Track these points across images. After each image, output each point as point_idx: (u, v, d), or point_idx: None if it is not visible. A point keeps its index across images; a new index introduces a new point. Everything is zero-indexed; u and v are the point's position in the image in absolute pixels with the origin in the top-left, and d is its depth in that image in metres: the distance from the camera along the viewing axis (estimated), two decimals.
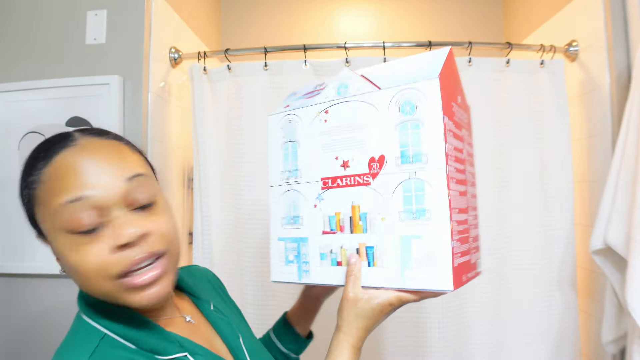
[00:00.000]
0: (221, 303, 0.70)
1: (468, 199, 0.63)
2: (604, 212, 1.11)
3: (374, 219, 0.60)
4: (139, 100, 1.24)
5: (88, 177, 0.45)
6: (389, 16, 2.04)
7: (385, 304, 0.57)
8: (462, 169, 0.61)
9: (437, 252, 0.55)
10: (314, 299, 0.78)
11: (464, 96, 0.69)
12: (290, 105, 0.70)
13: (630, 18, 1.21)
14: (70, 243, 0.45)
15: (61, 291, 1.22)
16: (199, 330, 0.58)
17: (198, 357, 0.51)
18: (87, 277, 0.45)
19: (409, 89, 0.58)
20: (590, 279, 1.33)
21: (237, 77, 1.33)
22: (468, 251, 0.61)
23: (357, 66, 1.29)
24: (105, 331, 0.48)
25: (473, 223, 0.65)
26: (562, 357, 1.28)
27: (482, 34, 2.00)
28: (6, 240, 1.24)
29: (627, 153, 1.07)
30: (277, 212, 0.70)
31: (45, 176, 0.46)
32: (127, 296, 0.46)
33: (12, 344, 1.23)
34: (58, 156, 0.47)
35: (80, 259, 0.45)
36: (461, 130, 0.63)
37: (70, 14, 1.27)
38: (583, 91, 1.36)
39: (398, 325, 1.29)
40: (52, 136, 0.51)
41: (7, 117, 1.25)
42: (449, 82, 0.60)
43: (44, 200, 0.46)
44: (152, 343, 0.48)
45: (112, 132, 0.54)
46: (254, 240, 1.30)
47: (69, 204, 0.44)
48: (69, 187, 0.45)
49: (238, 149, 1.31)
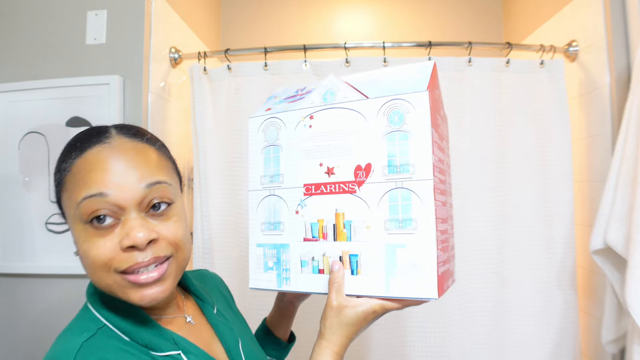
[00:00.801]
0: (226, 308, 0.71)
1: (447, 209, 0.64)
2: (604, 212, 1.11)
3: (358, 227, 0.59)
4: (139, 100, 1.24)
5: (111, 176, 0.48)
6: (389, 16, 2.04)
7: (369, 312, 0.57)
8: (444, 180, 0.63)
9: (423, 261, 0.55)
10: (289, 303, 0.79)
11: (443, 108, 0.70)
12: (272, 109, 0.69)
13: (630, 18, 1.21)
14: (86, 233, 0.48)
15: (61, 291, 1.22)
16: (198, 331, 0.60)
17: (191, 356, 0.52)
18: (94, 267, 0.48)
19: (398, 99, 0.58)
20: (590, 279, 1.33)
21: (237, 77, 1.33)
22: (448, 260, 0.62)
23: (357, 66, 1.29)
24: (105, 322, 0.51)
25: (451, 232, 0.67)
26: (562, 357, 1.28)
27: (482, 34, 2.00)
28: (6, 240, 1.24)
29: (627, 153, 1.07)
30: (256, 217, 0.68)
31: (75, 167, 0.50)
32: (128, 292, 0.49)
33: (12, 344, 1.23)
34: (90, 150, 0.50)
35: (91, 249, 0.48)
36: (443, 142, 0.64)
37: (70, 14, 1.27)
38: (583, 91, 1.36)
39: (399, 325, 1.29)
40: (91, 127, 0.54)
41: (7, 117, 1.25)
42: (434, 95, 0.61)
43: (70, 188, 0.49)
44: (148, 338, 0.50)
45: (148, 134, 0.56)
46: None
47: (90, 198, 0.47)
48: (93, 183, 0.48)
49: (238, 148, 1.31)
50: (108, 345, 0.48)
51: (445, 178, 0.63)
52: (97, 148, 0.50)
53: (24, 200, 1.23)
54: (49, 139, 1.23)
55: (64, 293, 1.22)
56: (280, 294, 0.79)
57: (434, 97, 0.61)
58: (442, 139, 0.64)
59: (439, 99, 0.67)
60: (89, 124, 1.21)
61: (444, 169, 0.63)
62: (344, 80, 0.65)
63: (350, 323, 0.57)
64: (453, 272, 0.67)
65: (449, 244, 0.63)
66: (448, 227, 0.64)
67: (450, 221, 0.67)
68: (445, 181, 0.63)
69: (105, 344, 0.48)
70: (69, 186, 0.50)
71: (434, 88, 0.61)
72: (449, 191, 0.67)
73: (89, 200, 0.47)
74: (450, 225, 0.66)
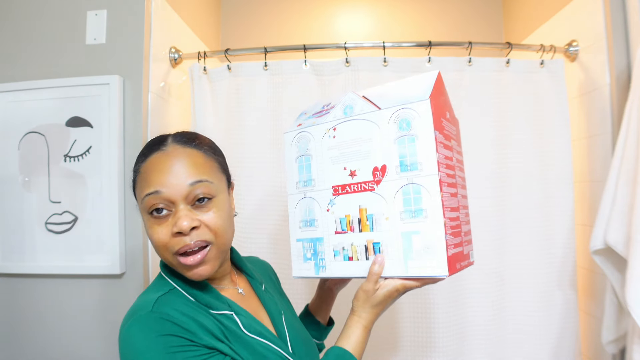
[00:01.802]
0: (273, 288, 0.85)
1: (459, 199, 0.73)
2: (604, 212, 1.11)
3: (379, 219, 0.70)
4: (139, 100, 1.24)
5: (165, 177, 0.62)
6: (389, 16, 2.04)
7: (393, 291, 0.68)
8: (452, 174, 0.72)
9: (434, 244, 0.65)
10: (328, 290, 0.91)
11: (452, 111, 0.80)
12: (302, 124, 0.81)
13: (630, 18, 1.21)
14: (150, 222, 0.63)
15: (61, 291, 1.22)
16: (248, 300, 0.73)
17: (241, 317, 0.66)
18: (157, 248, 0.63)
19: (405, 108, 0.68)
20: (590, 279, 1.33)
21: (237, 77, 1.33)
22: (460, 243, 0.71)
23: (357, 66, 1.29)
24: (175, 285, 0.65)
25: (464, 220, 0.76)
26: (562, 357, 1.28)
27: (482, 34, 2.00)
28: (6, 240, 1.24)
29: (627, 153, 1.07)
30: (295, 217, 0.81)
31: (142, 169, 0.65)
32: (182, 270, 0.63)
33: (12, 343, 1.23)
34: (151, 157, 0.65)
35: (153, 234, 0.63)
36: (450, 141, 0.74)
37: (70, 14, 1.27)
38: (583, 91, 1.36)
39: (399, 325, 1.29)
40: (156, 137, 0.69)
41: (7, 117, 1.25)
42: (439, 101, 0.71)
43: (139, 186, 0.65)
44: (207, 300, 0.64)
45: (197, 140, 0.69)
46: (255, 238, 1.30)
47: (150, 195, 0.62)
48: (152, 182, 0.62)
49: (238, 148, 1.31)
50: (177, 301, 0.62)
51: (454, 172, 0.73)
52: (156, 154, 0.64)
53: (23, 200, 1.23)
54: (49, 139, 1.23)
55: (64, 293, 1.22)
56: (321, 281, 0.92)
57: (438, 103, 0.70)
58: (448, 138, 0.72)
59: (445, 104, 0.75)
60: (89, 124, 1.21)
61: (453, 164, 0.72)
62: (361, 95, 0.76)
63: (378, 302, 0.68)
64: (469, 255, 0.76)
65: (461, 229, 0.72)
66: (460, 215, 0.73)
67: (463, 210, 0.75)
68: (454, 175, 0.72)
69: (175, 300, 0.62)
70: (138, 185, 0.65)
71: (438, 95, 0.71)
72: (460, 184, 0.75)
73: (149, 196, 0.62)
74: (462, 214, 0.75)
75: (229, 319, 0.64)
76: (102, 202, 1.20)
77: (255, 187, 1.30)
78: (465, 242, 0.75)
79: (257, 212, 1.30)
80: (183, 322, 0.58)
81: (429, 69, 1.30)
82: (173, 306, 0.60)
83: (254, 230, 1.30)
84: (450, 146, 0.73)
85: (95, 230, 1.20)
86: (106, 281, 1.21)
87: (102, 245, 1.19)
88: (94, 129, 1.22)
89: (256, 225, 1.30)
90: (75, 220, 1.21)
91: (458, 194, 0.73)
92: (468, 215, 0.79)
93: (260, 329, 0.67)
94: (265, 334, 0.67)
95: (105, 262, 1.19)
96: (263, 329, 0.68)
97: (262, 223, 1.31)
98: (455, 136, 0.78)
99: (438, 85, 0.71)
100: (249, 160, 1.31)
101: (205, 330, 0.60)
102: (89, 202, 1.21)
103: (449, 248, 0.65)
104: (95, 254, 1.19)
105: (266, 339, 0.66)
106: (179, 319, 0.58)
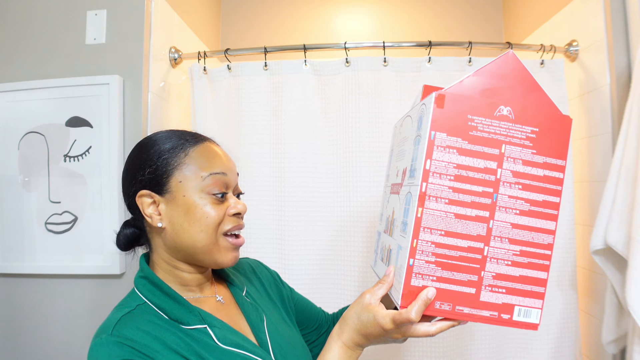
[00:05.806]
0: (257, 290, 0.80)
1: (465, 223, 0.57)
2: (604, 212, 1.11)
3: (395, 225, 0.66)
4: (139, 100, 1.24)
5: (227, 163, 0.68)
6: (389, 16, 2.04)
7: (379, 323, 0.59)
8: (477, 191, 0.57)
9: (402, 265, 0.58)
10: None
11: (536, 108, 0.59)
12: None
13: (630, 18, 1.21)
14: (206, 200, 0.64)
15: (61, 291, 1.22)
16: (227, 309, 0.71)
17: (215, 329, 0.63)
18: (207, 226, 0.64)
19: (422, 104, 0.61)
20: (590, 279, 1.33)
21: (237, 77, 1.33)
22: (467, 282, 0.57)
23: (356, 66, 1.29)
24: (145, 300, 0.63)
25: (507, 258, 0.58)
26: (562, 357, 1.28)
27: (482, 34, 2.00)
28: (6, 240, 1.24)
29: (627, 153, 1.06)
30: (380, 209, 0.81)
31: (194, 152, 0.66)
32: (225, 253, 0.66)
33: (12, 343, 1.23)
34: (205, 142, 0.68)
35: (210, 212, 0.64)
36: (499, 148, 0.57)
37: (70, 14, 1.27)
38: (583, 91, 1.36)
39: None
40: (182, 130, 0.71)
41: (7, 117, 1.25)
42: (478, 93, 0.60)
43: (191, 168, 0.65)
44: (178, 315, 0.62)
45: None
46: (255, 240, 1.30)
47: (215, 174, 0.65)
48: (216, 164, 0.66)
49: (238, 148, 1.31)
50: (143, 319, 0.60)
51: (483, 189, 0.57)
52: (208, 142, 0.69)
53: (23, 200, 1.23)
54: (49, 139, 1.23)
55: (64, 293, 1.22)
56: None
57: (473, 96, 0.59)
58: (487, 144, 0.57)
59: (502, 95, 0.61)
60: (89, 124, 1.21)
61: (487, 179, 0.57)
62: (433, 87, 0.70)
63: (361, 320, 0.62)
64: (507, 307, 0.58)
65: (470, 264, 0.57)
66: (487, 248, 0.57)
67: (507, 244, 0.58)
68: (484, 193, 0.57)
69: (141, 318, 0.60)
70: (188, 166, 0.64)
71: (479, 85, 0.61)
72: (506, 207, 0.58)
73: (213, 176, 0.65)
74: (502, 250, 0.58)
75: (202, 332, 0.62)
76: (102, 202, 1.20)
77: (256, 187, 1.30)
78: (497, 287, 0.58)
79: (258, 212, 1.30)
80: (143, 345, 0.56)
81: (429, 69, 1.30)
82: (137, 325, 0.58)
83: (253, 230, 1.30)
84: (489, 154, 0.57)
85: (95, 230, 1.20)
86: (106, 281, 1.21)
87: (102, 245, 1.19)
88: (93, 129, 1.22)
89: (255, 225, 1.30)
90: (75, 220, 1.21)
91: (468, 215, 0.57)
92: (534, 256, 0.58)
93: (236, 339, 0.64)
94: (242, 343, 0.64)
95: (105, 262, 1.19)
96: (240, 338, 0.65)
97: (263, 223, 1.30)
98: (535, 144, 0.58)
99: (493, 70, 0.60)
100: (249, 160, 1.31)
101: (169, 349, 0.57)
102: (88, 202, 1.21)
103: (415, 277, 0.56)
104: (95, 254, 1.20)
105: (243, 348, 0.63)
106: (140, 341, 0.56)
